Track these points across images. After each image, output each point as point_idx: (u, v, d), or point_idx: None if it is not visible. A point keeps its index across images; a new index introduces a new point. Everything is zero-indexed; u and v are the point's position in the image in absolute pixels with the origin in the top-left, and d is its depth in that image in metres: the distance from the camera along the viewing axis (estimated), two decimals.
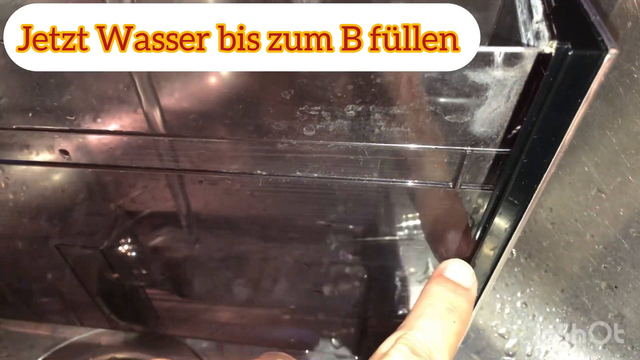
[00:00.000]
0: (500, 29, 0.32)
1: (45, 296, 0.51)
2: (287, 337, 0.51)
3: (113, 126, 0.33)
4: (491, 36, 0.32)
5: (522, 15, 0.26)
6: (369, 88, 0.25)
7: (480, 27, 0.33)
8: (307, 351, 0.52)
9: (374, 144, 0.28)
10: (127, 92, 0.31)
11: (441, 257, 0.37)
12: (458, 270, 0.32)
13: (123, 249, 0.44)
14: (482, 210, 0.32)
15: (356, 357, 0.52)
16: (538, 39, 0.24)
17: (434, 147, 0.27)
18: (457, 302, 0.30)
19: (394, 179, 0.30)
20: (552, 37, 0.22)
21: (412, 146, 0.28)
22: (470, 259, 0.33)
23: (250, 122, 0.28)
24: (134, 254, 0.45)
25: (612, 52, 0.21)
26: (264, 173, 0.31)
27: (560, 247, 0.46)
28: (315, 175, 0.31)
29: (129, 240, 0.44)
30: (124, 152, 0.35)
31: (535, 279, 0.50)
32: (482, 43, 0.33)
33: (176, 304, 0.50)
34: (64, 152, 0.35)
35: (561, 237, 0.46)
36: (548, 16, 0.24)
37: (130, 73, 0.31)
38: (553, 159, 0.26)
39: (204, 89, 0.28)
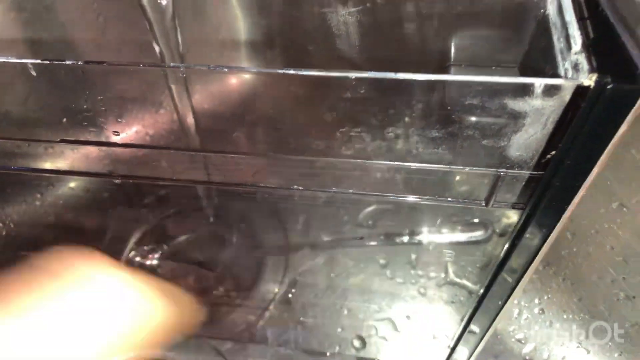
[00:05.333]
0: (532, 56, 0.32)
1: None
2: (309, 338, 0.52)
3: (138, 130, 0.33)
4: (521, 63, 0.33)
5: (558, 44, 0.27)
6: (410, 113, 0.26)
7: (510, 53, 0.34)
8: (328, 353, 0.53)
9: (411, 164, 0.29)
10: (166, 110, 0.32)
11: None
12: None
13: (151, 249, 0.45)
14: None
15: None
16: (577, 71, 0.24)
17: (469, 169, 0.28)
18: None
19: (427, 196, 0.31)
20: (592, 70, 0.23)
21: (448, 167, 0.28)
22: (496, 275, 0.34)
23: (292, 142, 0.29)
24: (160, 253, 0.46)
25: None
26: (300, 188, 0.32)
27: (579, 257, 0.47)
28: (351, 191, 0.32)
29: (156, 242, 0.45)
30: (157, 160, 0.35)
31: (553, 286, 0.51)
32: (511, 70, 0.34)
33: (201, 304, 0.51)
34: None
35: (581, 247, 0.47)
36: (587, 48, 0.24)
37: (169, 86, 0.32)
38: (584, 183, 0.27)
39: (247, 110, 0.29)
